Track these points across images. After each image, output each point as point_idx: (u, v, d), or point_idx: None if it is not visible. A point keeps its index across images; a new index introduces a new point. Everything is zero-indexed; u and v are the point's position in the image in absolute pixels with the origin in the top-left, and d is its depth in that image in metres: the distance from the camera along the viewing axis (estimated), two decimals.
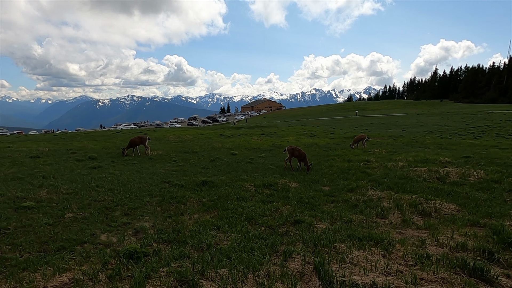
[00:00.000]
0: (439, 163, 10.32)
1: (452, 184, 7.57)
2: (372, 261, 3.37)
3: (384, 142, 21.02)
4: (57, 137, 26.72)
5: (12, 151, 13.96)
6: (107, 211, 6.08)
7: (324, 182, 8.68)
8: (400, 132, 28.88)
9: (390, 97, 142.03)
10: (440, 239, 4.10)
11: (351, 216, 5.48)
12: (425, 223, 4.97)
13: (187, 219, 5.75)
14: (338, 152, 15.17)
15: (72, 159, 11.96)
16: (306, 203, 6.57)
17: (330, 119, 62.59)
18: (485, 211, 5.43)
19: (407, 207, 5.79)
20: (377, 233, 4.27)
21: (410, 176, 8.39)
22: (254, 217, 5.68)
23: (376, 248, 3.78)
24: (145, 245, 4.34)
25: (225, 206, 6.44)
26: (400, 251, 3.75)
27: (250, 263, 3.41)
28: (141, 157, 13.15)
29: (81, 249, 4.37)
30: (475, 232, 4.42)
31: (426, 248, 3.88)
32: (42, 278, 3.43)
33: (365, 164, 11.09)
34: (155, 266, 3.51)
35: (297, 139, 23.55)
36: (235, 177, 9.25)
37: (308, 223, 5.18)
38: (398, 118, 51.01)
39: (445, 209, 5.67)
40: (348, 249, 3.67)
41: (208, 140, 22.73)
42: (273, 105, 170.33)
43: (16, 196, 6.53)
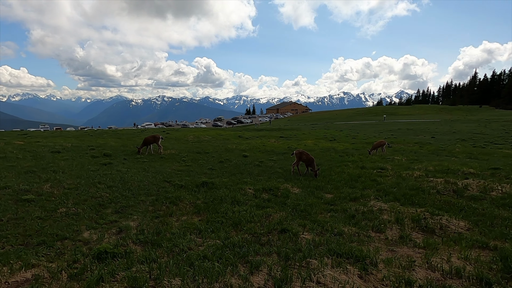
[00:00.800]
0: (461, 174, 9.41)
1: (470, 199, 6.80)
2: (343, 282, 3.01)
3: (408, 149, 19.79)
4: (86, 134, 28.24)
5: (39, 146, 14.87)
6: (100, 208, 6.15)
7: (328, 189, 8.23)
8: (429, 139, 27.10)
9: (424, 102, 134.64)
10: (434, 262, 3.61)
11: (344, 228, 5.06)
12: (424, 241, 4.44)
13: (174, 220, 5.65)
14: (354, 158, 14.46)
15: (88, 155, 12.47)
16: (301, 211, 6.22)
17: (355, 123, 60.52)
18: (500, 232, 4.76)
19: (408, 221, 5.25)
20: (360, 250, 3.86)
21: (423, 187, 7.68)
22: (241, 222, 5.44)
23: (353, 267, 3.40)
24: (119, 245, 4.27)
25: (217, 209, 6.27)
26: (382, 272, 3.34)
27: (211, 273, 3.20)
28: (153, 156, 13.41)
29: (59, 244, 4.41)
30: (480, 255, 3.86)
31: (414, 271, 3.43)
32: (8, 272, 3.46)
33: (378, 171, 10.41)
34: (115, 268, 3.41)
35: (315, 143, 22.90)
36: (238, 180, 9.07)
37: (294, 233, 4.84)
38: (429, 124, 48.06)
39: (452, 227, 5.06)
40: (320, 266, 3.33)
41: (224, 141, 22.82)
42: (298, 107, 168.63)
43: (21, 189, 6.84)
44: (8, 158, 10.81)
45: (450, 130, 36.03)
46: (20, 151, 12.60)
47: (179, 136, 26.30)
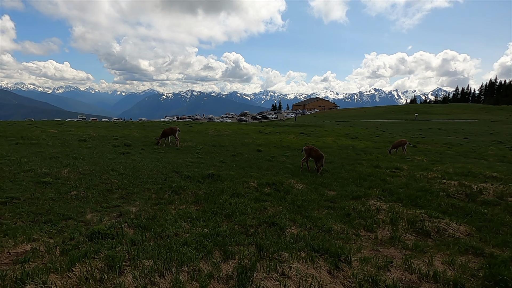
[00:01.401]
0: (482, 177, 8.78)
1: (482, 203, 6.37)
2: (307, 276, 3.03)
3: (434, 150, 18.72)
4: (115, 125, 29.84)
5: (69, 134, 16.06)
6: (107, 193, 6.59)
7: (333, 186, 8.10)
8: (460, 140, 25.37)
9: (463, 101, 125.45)
10: (414, 264, 3.49)
11: (334, 225, 5.01)
12: (414, 244, 4.29)
13: (173, 208, 5.91)
14: (371, 156, 14.00)
15: (110, 145, 13.26)
16: (298, 206, 6.22)
17: (384, 121, 58.05)
18: (503, 239, 4.45)
19: (403, 223, 5.06)
20: (341, 247, 3.82)
21: (433, 189, 7.30)
22: (234, 214, 5.57)
23: (325, 262, 3.39)
24: (113, 227, 4.58)
25: (216, 200, 6.45)
26: (354, 270, 3.30)
27: (183, 258, 3.36)
28: (169, 147, 13.95)
29: (63, 224, 4.83)
30: (469, 261, 3.66)
31: (389, 272, 3.34)
32: (12, 244, 3.88)
33: (391, 171, 10.02)
34: (101, 247, 3.69)
35: (335, 141, 22.39)
36: (245, 173, 9.20)
37: (281, 226, 4.89)
38: (465, 124, 44.88)
39: (451, 231, 4.81)
40: (290, 259, 3.36)
41: (243, 136, 23.04)
42: (326, 104, 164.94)
43: (42, 172, 7.50)
44: (39, 145, 11.83)
45: (487, 131, 33.40)
46: (52, 139, 13.70)
47: (200, 130, 26.97)
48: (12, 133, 14.69)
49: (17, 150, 10.30)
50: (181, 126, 31.05)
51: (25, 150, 10.48)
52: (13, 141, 12.17)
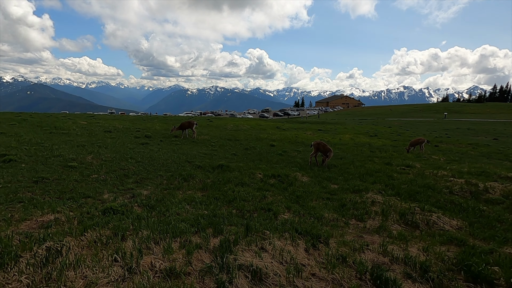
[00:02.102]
0: (496, 177, 8.53)
1: (485, 201, 6.31)
2: (283, 251, 3.37)
3: (456, 150, 18.04)
4: (140, 118, 31.39)
5: (97, 126, 17.31)
6: (124, 177, 7.27)
7: (337, 180, 8.27)
8: (489, 141, 24.08)
9: (501, 100, 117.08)
10: (389, 248, 3.71)
11: (326, 214, 5.27)
12: (399, 233, 4.47)
13: (180, 193, 6.44)
14: (386, 154, 13.87)
15: (132, 136, 14.21)
16: (297, 197, 6.52)
17: (409, 120, 55.94)
18: (491, 234, 4.50)
19: (395, 215, 5.22)
20: (327, 232, 4.11)
21: (437, 186, 7.27)
22: (235, 200, 5.99)
23: (304, 242, 3.71)
24: (124, 205, 5.17)
25: (221, 188, 6.90)
26: (330, 250, 3.60)
27: (177, 231, 3.82)
28: (186, 140, 14.66)
29: (83, 201, 5.49)
30: (447, 250, 3.82)
31: (363, 253, 3.60)
32: (39, 214, 4.56)
33: (401, 168, 9.97)
34: (111, 220, 4.25)
35: (352, 138, 22.16)
36: (253, 165, 9.59)
37: (275, 212, 5.25)
38: (498, 124, 42.20)
39: (441, 223, 4.91)
40: (272, 237, 3.72)
41: (260, 131, 23.43)
42: (350, 101, 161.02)
43: (70, 158, 8.36)
44: (70, 134, 12.96)
45: None
46: (81, 129, 14.90)
47: (219, 124, 27.69)
48: (47, 124, 16.12)
49: (50, 138, 11.41)
50: (202, 121, 32.02)
51: (57, 138, 11.58)
52: (47, 131, 13.41)
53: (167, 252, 3.28)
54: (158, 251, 3.32)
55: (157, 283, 2.71)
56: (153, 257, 3.16)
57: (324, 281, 2.87)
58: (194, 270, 3.02)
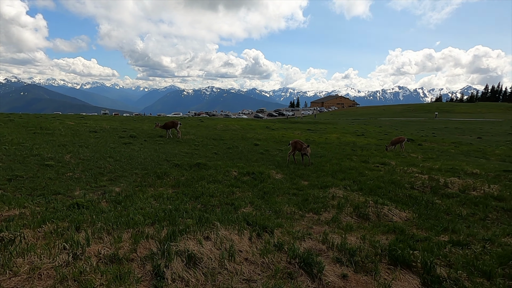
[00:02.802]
0: (463, 173, 8.90)
1: (442, 195, 6.64)
2: (227, 239, 3.63)
3: (437, 148, 18.48)
4: (131, 119, 31.50)
5: (84, 126, 17.42)
6: (99, 175, 7.47)
7: (309, 177, 8.55)
8: (473, 140, 24.63)
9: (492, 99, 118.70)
10: (329, 237, 3.99)
11: (285, 207, 5.54)
12: (347, 225, 4.75)
13: (151, 190, 6.66)
14: (366, 152, 14.19)
15: (117, 136, 14.37)
16: (264, 192, 6.78)
17: (401, 120, 56.63)
18: (432, 224, 4.81)
19: (349, 208, 5.51)
20: (279, 224, 4.38)
21: (401, 181, 7.59)
22: (203, 196, 6.23)
23: (250, 232, 3.97)
24: (91, 201, 5.38)
25: (193, 185, 7.14)
26: (274, 238, 3.86)
27: (131, 222, 4.06)
28: (171, 139, 14.87)
29: (53, 197, 5.69)
30: (386, 239, 4.11)
31: (304, 241, 3.88)
32: (6, 209, 4.76)
33: (375, 166, 10.30)
34: (72, 214, 4.48)
35: (339, 137, 22.52)
36: (231, 164, 9.83)
37: (236, 206, 5.51)
38: (486, 124, 42.96)
39: (391, 215, 5.21)
40: (220, 227, 3.97)
41: (249, 131, 23.69)
42: (345, 101, 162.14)
43: (48, 157, 8.54)
44: (53, 134, 13.09)
45: (507, 131, 31.94)
46: (66, 130, 15.03)
47: (210, 125, 27.90)
48: (33, 124, 16.19)
49: (33, 138, 11.55)
50: (193, 121, 32.20)
51: (40, 138, 11.72)
52: (32, 131, 13.52)
53: (116, 241, 3.52)
54: (108, 240, 3.56)
55: (99, 268, 2.95)
56: (102, 245, 3.40)
57: (254, 264, 3.14)
58: (138, 256, 3.26)
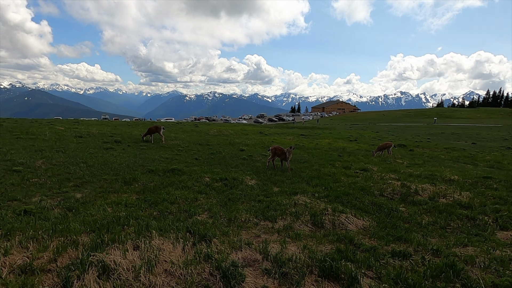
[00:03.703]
0: (441, 179, 8.73)
1: (410, 202, 6.49)
2: (158, 249, 3.51)
3: (428, 154, 18.27)
4: (125, 123, 31.53)
5: (72, 131, 17.41)
6: (65, 181, 7.39)
7: (283, 183, 8.42)
8: (467, 145, 24.36)
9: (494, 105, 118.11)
10: (270, 247, 3.85)
11: (242, 215, 5.41)
12: (295, 233, 4.59)
13: (114, 196, 6.56)
14: (352, 158, 14.03)
15: (101, 141, 14.33)
16: (229, 199, 6.66)
17: (399, 125, 56.37)
18: (388, 232, 4.66)
19: (307, 215, 5.36)
20: (208, 230, 4.25)
21: (372, 188, 7.44)
22: (163, 202, 6.11)
23: (187, 240, 3.85)
24: (42, 207, 5.30)
25: (159, 191, 7.02)
26: (211, 248, 3.73)
27: (65, 231, 3.96)
28: (156, 144, 14.81)
29: (8, 203, 5.61)
30: (328, 249, 3.97)
31: (240, 251, 3.74)
32: None
33: (356, 172, 10.15)
34: (14, 222, 4.38)
35: (330, 143, 22.37)
36: (208, 169, 9.72)
37: (190, 214, 5.40)
38: (483, 129, 42.62)
39: (347, 223, 5.06)
40: (155, 236, 3.85)
41: (240, 136, 23.62)
42: (346, 107, 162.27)
43: (19, 162, 8.48)
44: (36, 139, 13.07)
45: (504, 136, 31.64)
46: (52, 135, 15.02)
47: (203, 130, 27.85)
48: (21, 129, 16.21)
49: (13, 143, 11.53)
50: (188, 126, 32.18)
51: (20, 143, 11.69)
52: (15, 136, 13.52)
53: (40, 250, 3.41)
54: (34, 249, 3.45)
55: (5, 279, 2.83)
56: (23, 255, 3.29)
57: (171, 276, 3.01)
58: (57, 267, 3.14)
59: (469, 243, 4.36)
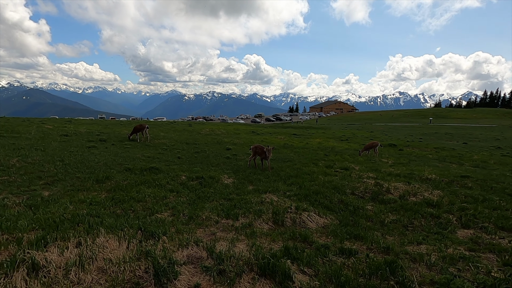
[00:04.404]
0: (418, 178, 8.73)
1: (379, 201, 6.46)
2: (99, 246, 3.47)
3: (417, 153, 18.28)
4: (117, 123, 31.43)
5: (60, 130, 17.34)
6: (36, 179, 7.33)
7: (259, 182, 8.38)
8: (457, 145, 24.39)
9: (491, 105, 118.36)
10: (219, 244, 3.82)
11: (203, 213, 5.37)
12: (251, 231, 4.57)
13: (81, 194, 6.49)
14: (337, 157, 14.01)
15: (85, 140, 14.27)
16: (198, 197, 6.62)
17: (395, 125, 56.43)
18: (347, 230, 4.64)
19: (268, 214, 5.33)
20: (157, 227, 4.22)
21: (344, 187, 7.41)
22: (129, 201, 6.05)
23: (134, 238, 3.81)
24: (2, 205, 5.25)
25: (130, 189, 6.96)
26: (158, 245, 3.69)
27: (9, 229, 3.92)
28: (140, 143, 14.75)
29: None
30: (276, 246, 3.94)
31: (185, 249, 3.71)
32: None
33: (336, 171, 10.13)
34: None
35: (321, 142, 22.36)
36: (186, 168, 9.67)
37: (152, 211, 5.37)
38: (477, 129, 42.72)
39: (308, 222, 5.04)
40: (102, 233, 3.81)
41: (231, 135, 23.58)
42: (344, 107, 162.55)
43: None
44: (19, 138, 13.00)
45: (496, 136, 31.70)
46: (38, 133, 14.95)
47: (196, 129, 27.80)
48: (7, 128, 16.13)
49: None
50: (181, 125, 32.09)
51: (0, 142, 11.62)
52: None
53: None
54: None
55: None
56: None
57: (103, 273, 2.97)
58: None
59: (425, 241, 4.34)
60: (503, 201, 6.51)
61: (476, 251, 4.10)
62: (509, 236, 4.66)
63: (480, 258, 3.86)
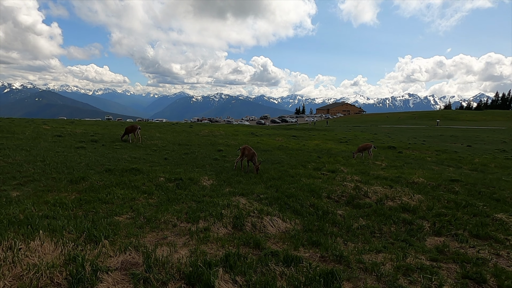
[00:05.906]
0: (405, 182, 8.39)
1: (353, 205, 6.19)
2: (29, 250, 3.34)
3: (416, 156, 17.79)
4: (117, 124, 31.66)
5: (55, 130, 17.50)
6: (10, 179, 7.29)
7: (238, 184, 8.19)
8: (461, 148, 23.70)
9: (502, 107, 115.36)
10: (160, 250, 3.64)
11: (164, 216, 5.20)
12: (204, 236, 4.38)
13: (50, 195, 6.41)
14: (330, 159, 13.71)
15: (76, 140, 14.32)
16: (169, 199, 6.47)
17: (400, 127, 55.47)
18: (307, 236, 4.40)
19: (229, 217, 5.13)
20: (103, 231, 4.07)
21: (321, 190, 7.14)
22: (95, 201, 5.95)
23: (61, 242, 3.67)
24: None
25: (102, 190, 6.86)
26: (96, 249, 3.54)
27: None
28: (131, 144, 14.73)
29: None
30: (219, 252, 3.74)
31: (125, 254, 3.54)
32: None
33: (323, 173, 9.85)
34: None
35: (318, 144, 22.01)
36: (169, 169, 9.54)
37: (116, 213, 5.25)
38: (485, 132, 41.57)
39: (270, 226, 4.82)
40: (40, 237, 3.68)
41: (229, 136, 23.47)
42: (351, 108, 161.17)
43: None
44: (10, 138, 13.12)
45: (502, 139, 30.74)
46: (31, 134, 15.09)
47: (195, 130, 27.81)
48: (3, 128, 16.34)
49: None
50: (182, 127, 32.15)
51: None
52: None
53: None
54: None
55: None
56: None
57: (17, 280, 2.81)
58: None
59: (385, 250, 4.07)
60: (487, 206, 6.16)
61: (438, 261, 3.81)
62: (481, 245, 4.35)
63: (440, 269, 3.58)
